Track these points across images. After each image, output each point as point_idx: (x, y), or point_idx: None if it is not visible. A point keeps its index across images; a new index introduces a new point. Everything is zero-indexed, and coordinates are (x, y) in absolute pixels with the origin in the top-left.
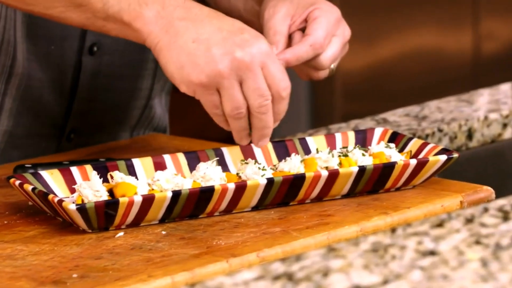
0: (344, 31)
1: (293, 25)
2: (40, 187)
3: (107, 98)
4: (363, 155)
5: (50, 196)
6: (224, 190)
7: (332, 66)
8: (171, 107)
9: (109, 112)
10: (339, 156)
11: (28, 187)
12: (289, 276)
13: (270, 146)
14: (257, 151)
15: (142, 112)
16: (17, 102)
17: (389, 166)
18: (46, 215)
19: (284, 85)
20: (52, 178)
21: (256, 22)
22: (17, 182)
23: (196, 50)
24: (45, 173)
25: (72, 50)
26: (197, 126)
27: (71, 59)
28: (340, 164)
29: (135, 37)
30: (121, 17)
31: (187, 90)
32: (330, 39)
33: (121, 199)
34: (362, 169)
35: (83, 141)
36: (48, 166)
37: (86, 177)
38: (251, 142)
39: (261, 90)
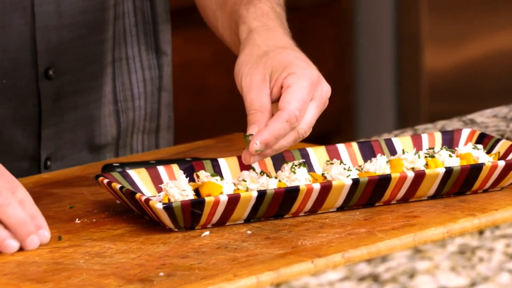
0: (322, 91)
1: (271, 93)
2: (127, 186)
3: (76, 115)
4: (450, 156)
5: (138, 195)
6: (310, 190)
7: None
8: None
9: (82, 127)
10: (426, 157)
11: (116, 186)
12: (375, 277)
13: (355, 146)
14: (343, 152)
15: (117, 118)
16: None
17: (477, 168)
18: (134, 214)
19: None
20: (140, 177)
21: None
22: (105, 181)
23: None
24: (132, 172)
25: (26, 78)
26: None
27: (28, 88)
28: (426, 165)
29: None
30: None
31: None
32: (306, 107)
33: (207, 199)
34: (449, 170)
35: (62, 164)
36: (135, 165)
37: (172, 176)
38: None
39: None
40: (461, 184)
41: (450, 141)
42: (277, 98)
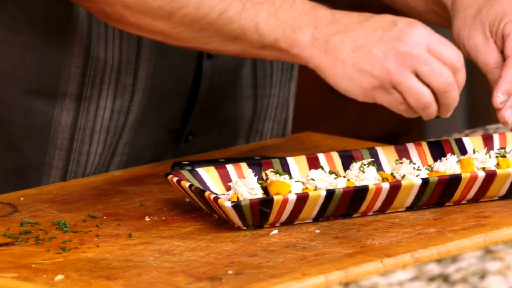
0: None
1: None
2: (196, 184)
3: (223, 96)
4: None
5: (207, 193)
6: (378, 189)
7: None
8: (324, 106)
9: (225, 108)
10: (497, 156)
11: (185, 184)
12: (445, 278)
13: (425, 146)
14: (412, 151)
15: (254, 102)
16: (140, 116)
17: None
18: (202, 212)
19: (455, 57)
20: (209, 175)
21: (441, 23)
22: (175, 179)
23: (358, 58)
24: (201, 170)
25: (191, 57)
26: (350, 124)
27: (192, 66)
28: (497, 165)
29: (295, 61)
30: (278, 46)
31: (366, 99)
32: None
33: (275, 197)
34: None
35: (200, 141)
36: (204, 163)
37: (241, 175)
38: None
39: (437, 70)
40: None
41: None
42: (501, 49)
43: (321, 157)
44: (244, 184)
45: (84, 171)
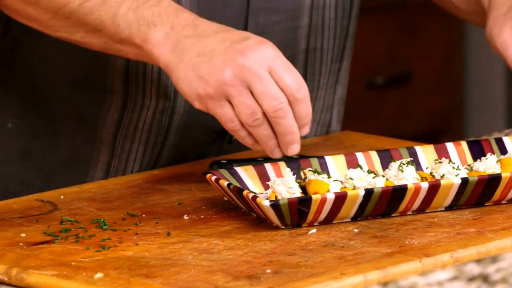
0: None
1: None
2: (235, 183)
3: None
4: None
5: (245, 192)
6: (417, 189)
7: None
8: (362, 105)
9: None
10: None
11: (224, 183)
12: (485, 278)
13: (465, 145)
14: (452, 151)
15: None
16: (185, 118)
17: None
18: (241, 211)
19: (296, 86)
20: (247, 174)
21: (479, 21)
22: (213, 178)
23: (199, 63)
24: (240, 169)
25: None
26: (388, 123)
27: None
28: None
29: (150, 60)
30: (133, 40)
31: (199, 106)
32: None
33: (313, 197)
34: None
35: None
36: (242, 162)
37: (279, 174)
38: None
39: (271, 92)
40: None
41: None
42: None
43: (360, 156)
44: (283, 183)
45: (125, 167)
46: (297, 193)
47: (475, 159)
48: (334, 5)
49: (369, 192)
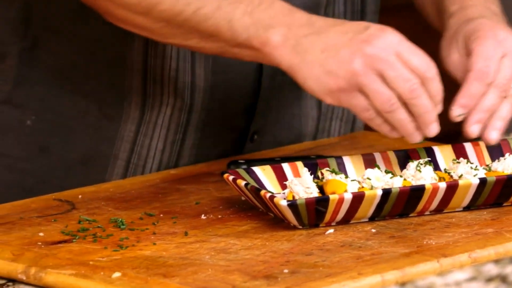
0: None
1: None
2: (252, 182)
3: (286, 95)
4: None
5: (262, 192)
6: (435, 189)
7: None
8: None
9: (289, 107)
10: None
11: (241, 183)
12: (503, 278)
13: (483, 146)
14: (470, 151)
15: (319, 101)
16: (203, 115)
17: None
18: (258, 211)
19: (425, 66)
20: (264, 174)
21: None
22: (231, 178)
23: (326, 59)
24: (257, 169)
25: None
26: None
27: (253, 64)
28: None
29: (269, 61)
30: (251, 44)
31: (332, 101)
32: (496, 62)
33: (331, 196)
34: None
35: (265, 141)
36: (260, 162)
37: (297, 174)
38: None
39: (403, 75)
40: None
41: None
42: None
43: (377, 156)
44: (300, 183)
45: (145, 164)
46: (315, 193)
47: (493, 159)
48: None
49: (386, 192)
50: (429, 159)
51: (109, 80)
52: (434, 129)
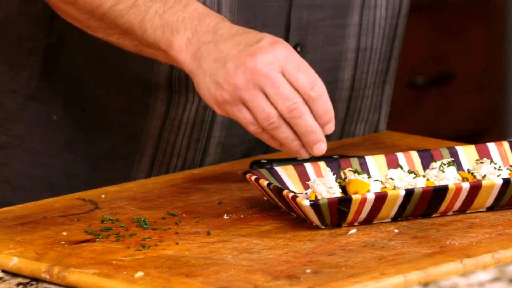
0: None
1: None
2: (275, 182)
3: None
4: None
5: (285, 192)
6: (458, 189)
7: None
8: (403, 105)
9: None
10: None
11: (264, 183)
12: None
13: (507, 146)
14: (493, 151)
15: (348, 104)
16: None
17: None
18: (281, 211)
19: (309, 85)
20: (287, 174)
21: None
22: (253, 177)
23: (215, 69)
24: (280, 169)
25: None
26: (429, 124)
27: None
28: None
29: (176, 64)
30: (159, 46)
31: (220, 112)
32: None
33: (354, 196)
34: None
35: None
36: (282, 162)
37: (319, 174)
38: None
39: (284, 93)
40: None
41: None
42: None
43: (400, 156)
44: (323, 183)
45: (170, 161)
46: (337, 193)
47: None
48: (385, 4)
49: (409, 192)
50: (453, 159)
51: (136, 77)
52: (319, 149)
